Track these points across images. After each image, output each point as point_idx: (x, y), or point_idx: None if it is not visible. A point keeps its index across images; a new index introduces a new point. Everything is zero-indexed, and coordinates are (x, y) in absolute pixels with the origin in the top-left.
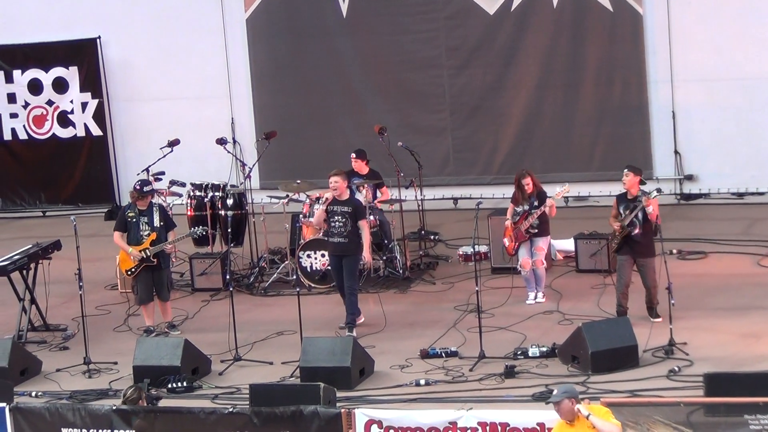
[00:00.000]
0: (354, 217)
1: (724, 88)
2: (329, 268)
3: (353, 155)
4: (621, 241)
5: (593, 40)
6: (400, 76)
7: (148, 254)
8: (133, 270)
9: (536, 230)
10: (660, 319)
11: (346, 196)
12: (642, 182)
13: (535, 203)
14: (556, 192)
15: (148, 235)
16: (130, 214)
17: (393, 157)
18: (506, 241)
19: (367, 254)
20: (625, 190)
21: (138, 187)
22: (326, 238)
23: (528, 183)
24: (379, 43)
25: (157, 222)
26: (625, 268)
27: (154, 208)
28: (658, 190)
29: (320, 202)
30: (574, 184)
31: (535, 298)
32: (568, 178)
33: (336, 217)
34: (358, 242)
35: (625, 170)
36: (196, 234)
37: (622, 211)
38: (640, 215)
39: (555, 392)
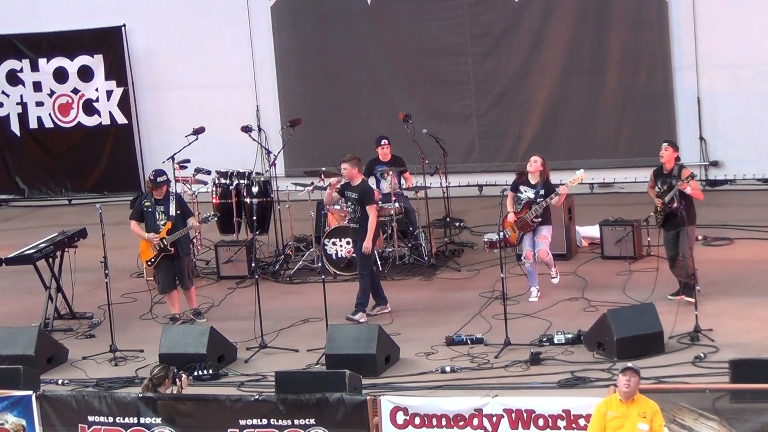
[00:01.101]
0: (361, 202)
1: (750, 74)
2: (354, 255)
3: (384, 141)
4: (664, 216)
5: (618, 27)
6: (424, 63)
7: (165, 243)
8: (152, 260)
9: (539, 219)
10: (693, 300)
11: (357, 181)
12: (677, 158)
13: (541, 192)
14: (570, 179)
15: (164, 224)
16: (146, 204)
17: (418, 145)
18: (508, 232)
19: (367, 242)
20: (661, 164)
21: (152, 177)
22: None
23: (536, 161)
24: (403, 30)
25: (172, 211)
26: (670, 243)
27: (171, 198)
28: (693, 176)
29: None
30: (599, 171)
31: (551, 276)
32: (593, 164)
33: (348, 203)
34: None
35: (665, 144)
36: (209, 220)
37: (659, 186)
38: (677, 192)
39: (630, 364)
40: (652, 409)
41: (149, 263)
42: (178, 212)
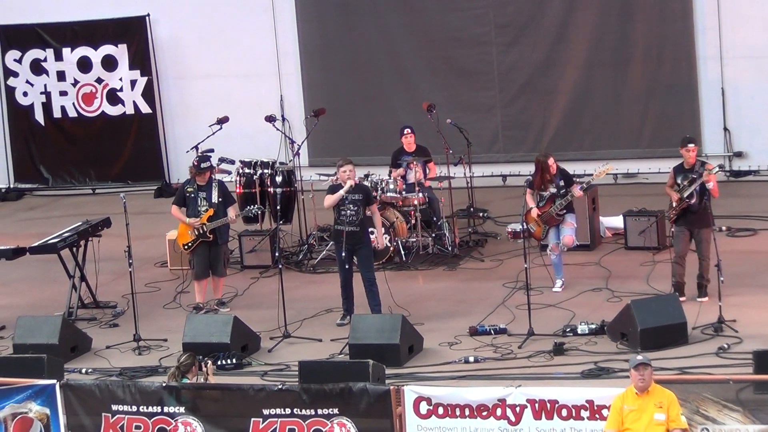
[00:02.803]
0: (365, 204)
1: None
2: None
3: (407, 130)
4: (679, 212)
5: (642, 17)
6: (449, 53)
7: (204, 230)
8: (189, 244)
9: (565, 210)
10: (706, 299)
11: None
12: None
13: (561, 183)
14: (596, 172)
15: (206, 210)
16: (189, 189)
17: (442, 135)
18: (532, 227)
19: (380, 238)
20: (682, 161)
21: (196, 163)
22: (334, 226)
23: (552, 164)
24: (428, 21)
25: (215, 198)
26: (681, 239)
27: (214, 184)
28: (721, 166)
29: (344, 189)
30: (623, 162)
31: (562, 285)
32: (617, 155)
33: (348, 205)
34: (367, 230)
35: (691, 145)
36: (252, 212)
37: (680, 182)
38: (698, 187)
39: (640, 357)
40: (669, 399)
41: (186, 247)
42: (220, 199)
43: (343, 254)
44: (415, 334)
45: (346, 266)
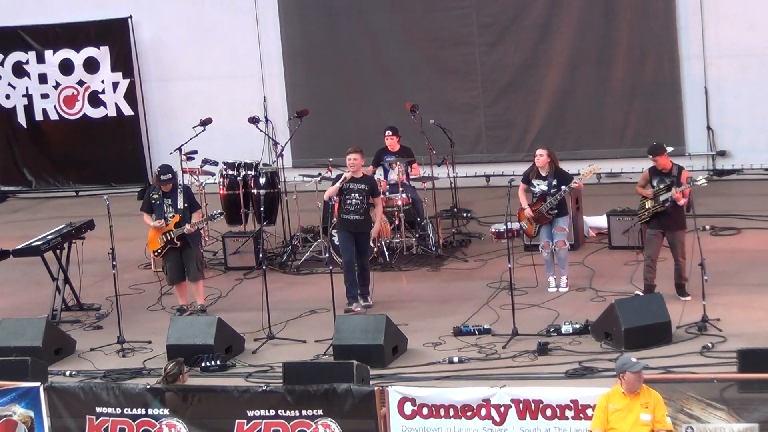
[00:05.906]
0: (370, 194)
1: (757, 64)
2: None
3: (389, 132)
4: (652, 214)
5: (625, 16)
6: (432, 53)
7: (172, 236)
8: (159, 251)
9: (556, 210)
10: (689, 298)
11: (361, 173)
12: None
13: (554, 183)
14: (583, 172)
15: (172, 217)
16: (155, 196)
17: (425, 135)
18: (524, 225)
19: (375, 229)
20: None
21: (157, 174)
22: (340, 215)
23: (541, 154)
24: (411, 21)
25: (180, 204)
26: (654, 242)
27: (179, 190)
28: (707, 178)
29: (339, 182)
30: (606, 161)
31: (558, 285)
32: (601, 154)
33: (353, 195)
34: (371, 220)
35: (665, 153)
36: (215, 218)
37: (655, 185)
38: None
39: (635, 361)
40: (655, 399)
41: (156, 253)
42: (186, 205)
43: (347, 239)
44: (399, 335)
45: (350, 250)
